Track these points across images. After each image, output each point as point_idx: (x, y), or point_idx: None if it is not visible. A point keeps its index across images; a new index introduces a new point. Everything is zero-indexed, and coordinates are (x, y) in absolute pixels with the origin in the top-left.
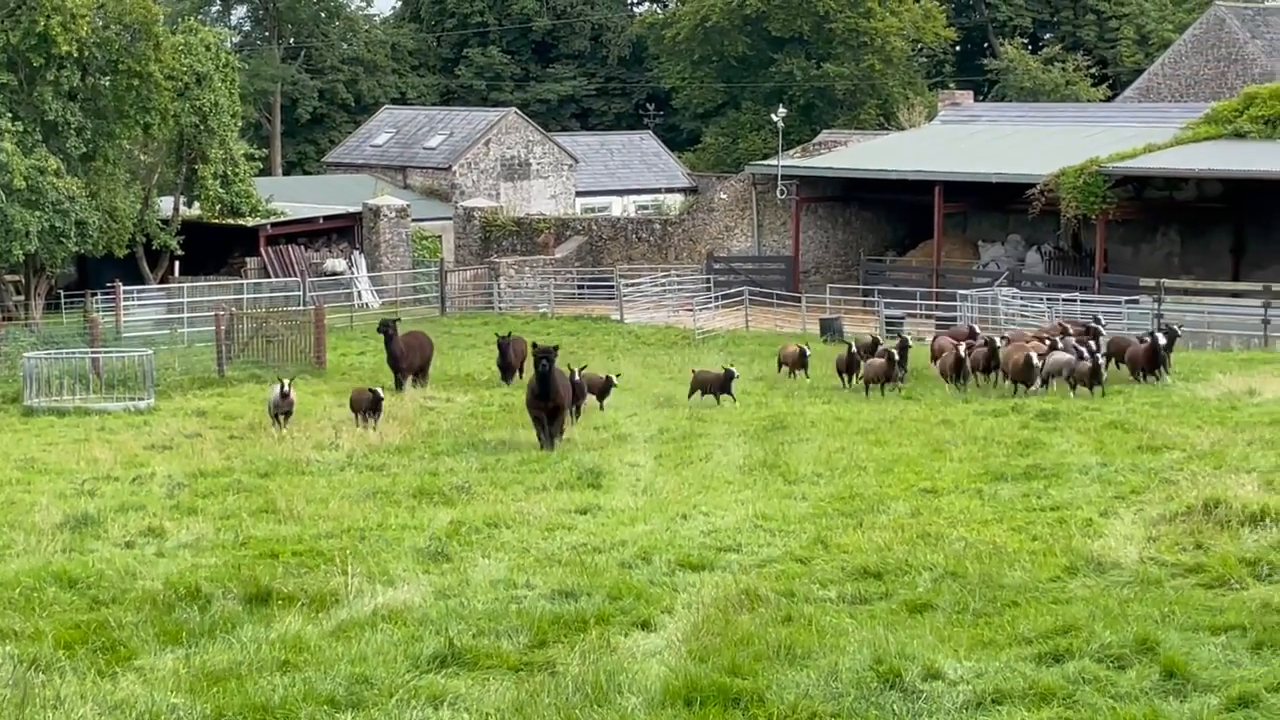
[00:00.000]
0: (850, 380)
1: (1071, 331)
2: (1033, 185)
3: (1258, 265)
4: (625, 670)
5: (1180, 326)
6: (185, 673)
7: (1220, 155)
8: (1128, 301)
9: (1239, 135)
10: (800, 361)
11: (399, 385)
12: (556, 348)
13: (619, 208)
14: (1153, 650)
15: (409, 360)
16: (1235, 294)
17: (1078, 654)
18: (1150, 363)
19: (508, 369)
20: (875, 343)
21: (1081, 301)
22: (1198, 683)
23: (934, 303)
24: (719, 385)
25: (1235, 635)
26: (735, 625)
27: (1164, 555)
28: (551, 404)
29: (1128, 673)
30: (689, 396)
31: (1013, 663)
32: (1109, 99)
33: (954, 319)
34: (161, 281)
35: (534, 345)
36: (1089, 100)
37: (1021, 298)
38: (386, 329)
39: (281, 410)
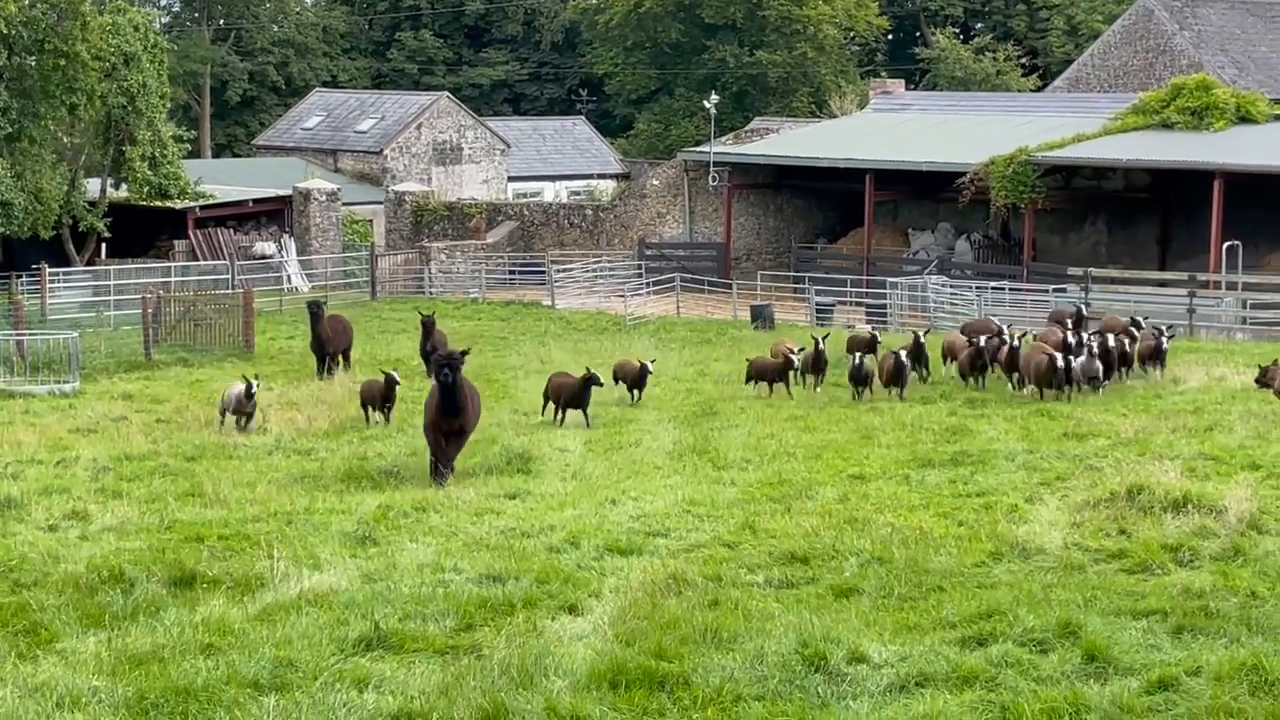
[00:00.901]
0: (862, 393)
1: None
2: (963, 174)
3: (1183, 255)
4: (551, 653)
5: (1106, 315)
6: (107, 656)
7: (1147, 146)
8: (1055, 290)
9: (1166, 126)
10: (639, 380)
11: (321, 370)
12: (465, 352)
13: (551, 193)
14: (1075, 634)
15: (334, 344)
16: (1161, 283)
17: (1001, 638)
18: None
19: (431, 359)
20: (873, 340)
21: (1010, 290)
22: (1119, 666)
23: (864, 290)
24: (635, 379)
25: (1156, 620)
26: (662, 609)
27: (1088, 541)
28: (458, 424)
29: (1050, 656)
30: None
31: (937, 646)
32: (1039, 89)
33: (884, 307)
34: (88, 264)
35: (433, 352)
36: (1019, 90)
37: (951, 286)
38: (315, 307)
39: (243, 411)
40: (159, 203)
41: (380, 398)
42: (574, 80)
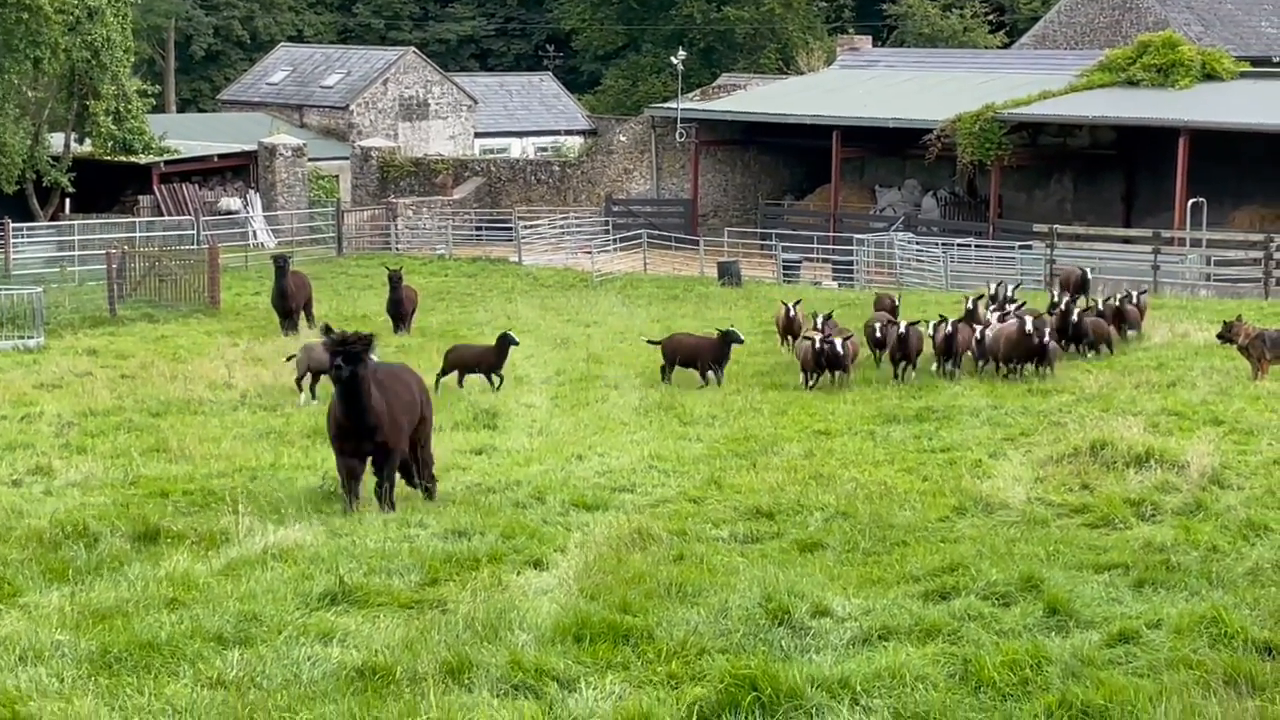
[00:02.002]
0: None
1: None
2: (929, 131)
3: (1148, 212)
4: (516, 608)
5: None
6: (71, 610)
7: (1113, 103)
8: (1021, 247)
9: (1132, 83)
10: (487, 363)
11: (285, 326)
12: (366, 338)
13: (518, 149)
14: (1037, 588)
15: (296, 299)
16: (1126, 240)
17: (964, 591)
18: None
19: (399, 316)
20: (892, 304)
21: (976, 247)
22: (1080, 619)
23: (831, 247)
24: (487, 363)
25: (1118, 574)
26: (627, 564)
27: (1051, 496)
28: (371, 441)
29: (1012, 610)
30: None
31: (900, 600)
32: (1006, 46)
33: (850, 264)
34: (52, 219)
35: (329, 335)
36: (986, 47)
37: (917, 243)
38: (281, 262)
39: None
40: (123, 158)
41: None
42: (541, 36)
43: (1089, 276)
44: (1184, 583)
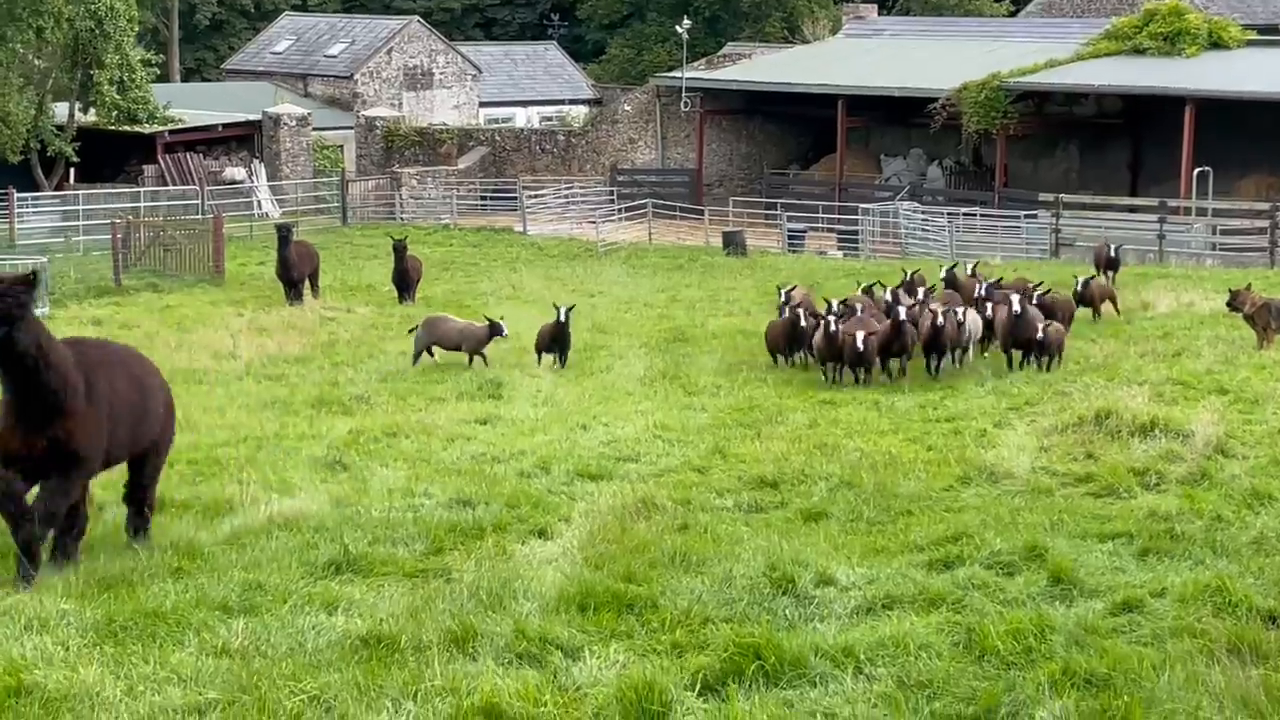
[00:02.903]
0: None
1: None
2: (935, 100)
3: (1154, 181)
4: (521, 577)
5: (1076, 241)
6: (75, 579)
7: (1119, 71)
8: (1026, 216)
9: (1138, 51)
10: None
11: (289, 296)
12: (31, 276)
13: (523, 119)
14: (1041, 557)
15: (300, 269)
16: (1132, 209)
17: (968, 561)
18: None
19: (404, 286)
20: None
21: (981, 216)
22: (1084, 588)
23: (836, 217)
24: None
25: (1122, 542)
26: (631, 533)
27: (1055, 465)
28: (44, 440)
29: (1016, 579)
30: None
31: (904, 569)
32: (1012, 14)
33: (856, 233)
34: (56, 189)
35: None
36: (992, 15)
37: (922, 212)
38: (284, 231)
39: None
40: (127, 127)
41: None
42: (546, 5)
43: (1117, 254)
44: (1188, 552)
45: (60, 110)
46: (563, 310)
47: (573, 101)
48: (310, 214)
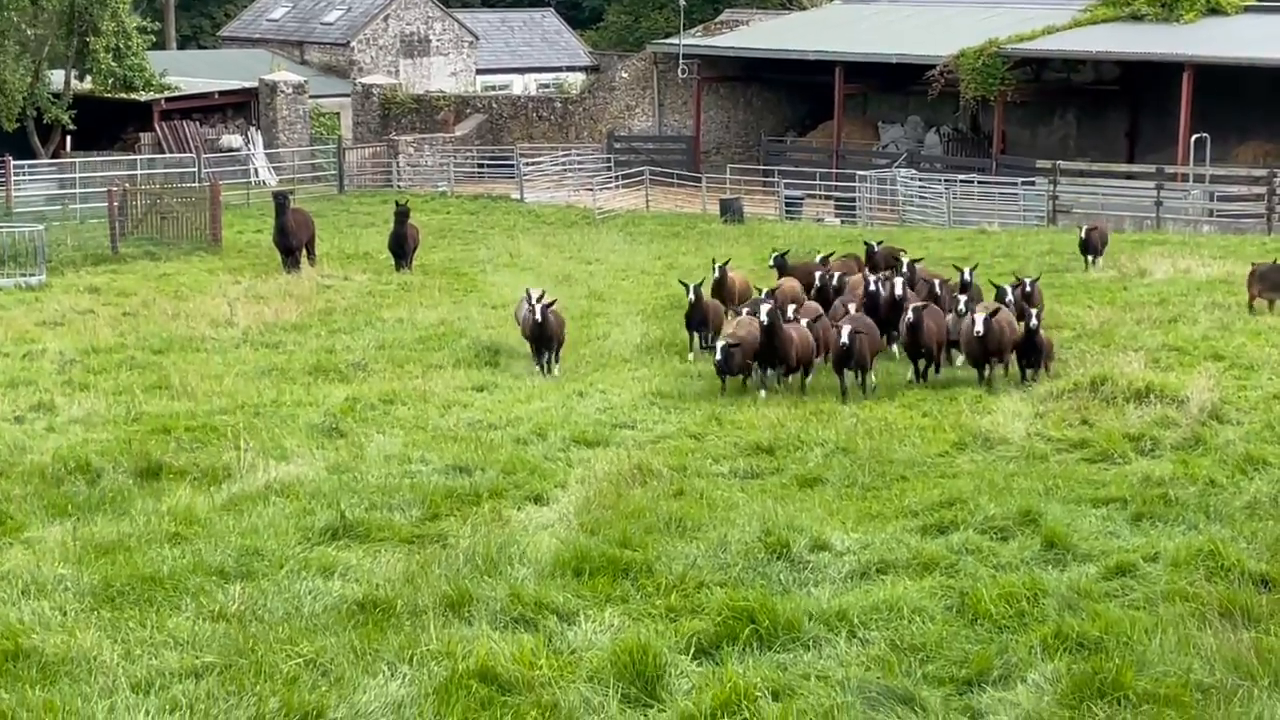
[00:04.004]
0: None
1: None
2: (933, 67)
3: (1152, 148)
4: (517, 542)
5: (1074, 208)
6: (73, 544)
7: (1117, 38)
8: (1024, 183)
9: (1136, 18)
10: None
11: (287, 264)
12: None
13: (520, 86)
14: (1035, 522)
15: (297, 237)
16: (1129, 176)
17: (962, 526)
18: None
19: (401, 253)
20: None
21: (979, 183)
22: (1077, 553)
23: (833, 184)
24: None
25: (1116, 508)
26: (627, 499)
27: (1050, 431)
28: None
29: (1010, 543)
30: None
31: (899, 534)
32: None
33: (853, 200)
34: (53, 156)
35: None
36: None
37: (920, 179)
38: (281, 198)
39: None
40: (124, 95)
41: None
42: None
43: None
44: (1182, 516)
45: (56, 78)
46: (536, 305)
47: (570, 68)
48: (307, 181)
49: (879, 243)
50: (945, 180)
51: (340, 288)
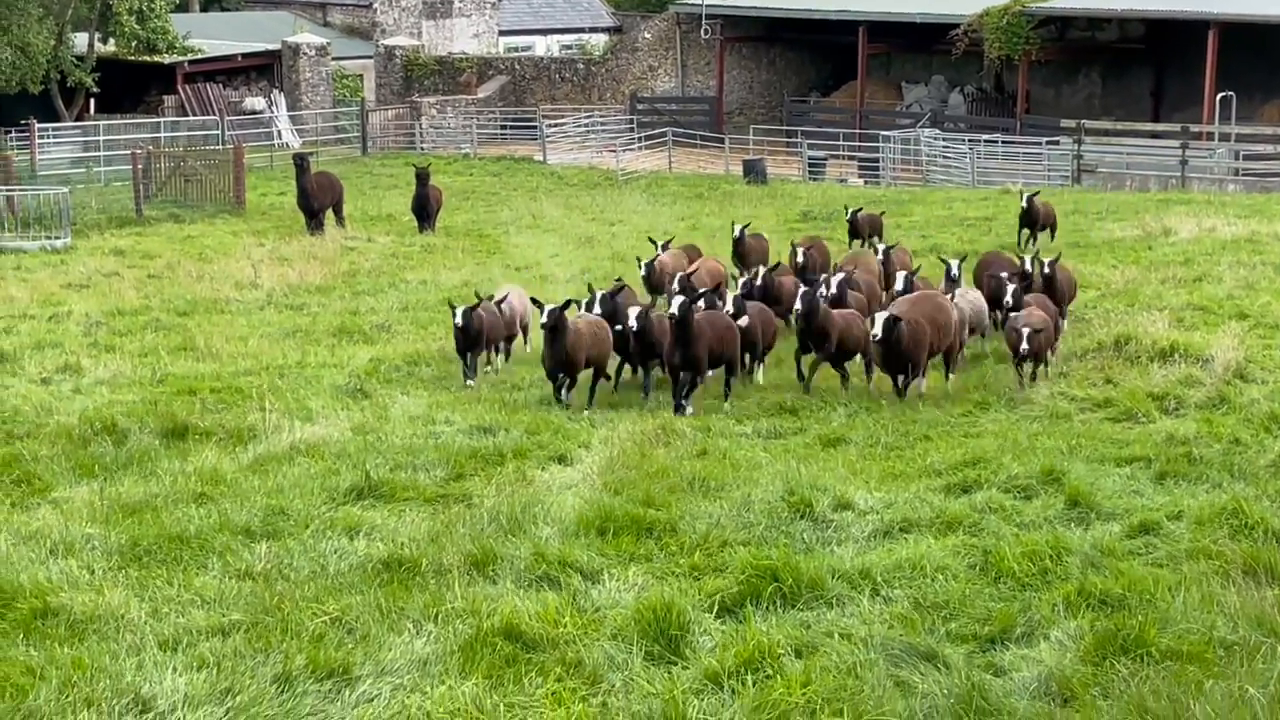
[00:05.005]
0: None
1: None
2: (957, 26)
3: (1177, 107)
4: (541, 502)
5: (1098, 168)
6: (100, 504)
7: None
8: (1048, 143)
9: None
10: None
11: (310, 225)
12: None
13: (542, 47)
14: (1059, 481)
15: (320, 199)
16: (1154, 135)
17: (985, 485)
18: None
19: (424, 215)
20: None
21: (1003, 143)
22: (1101, 511)
23: (857, 144)
24: None
25: (1140, 466)
26: (651, 459)
27: (1074, 390)
28: None
29: (1033, 502)
30: None
31: (922, 494)
32: None
33: (876, 161)
34: (77, 119)
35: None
36: None
37: (943, 140)
38: (300, 160)
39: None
40: (147, 58)
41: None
42: None
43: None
44: (1205, 475)
45: (80, 40)
46: (457, 312)
47: (592, 30)
48: (330, 144)
49: (858, 209)
50: (969, 140)
51: (364, 249)
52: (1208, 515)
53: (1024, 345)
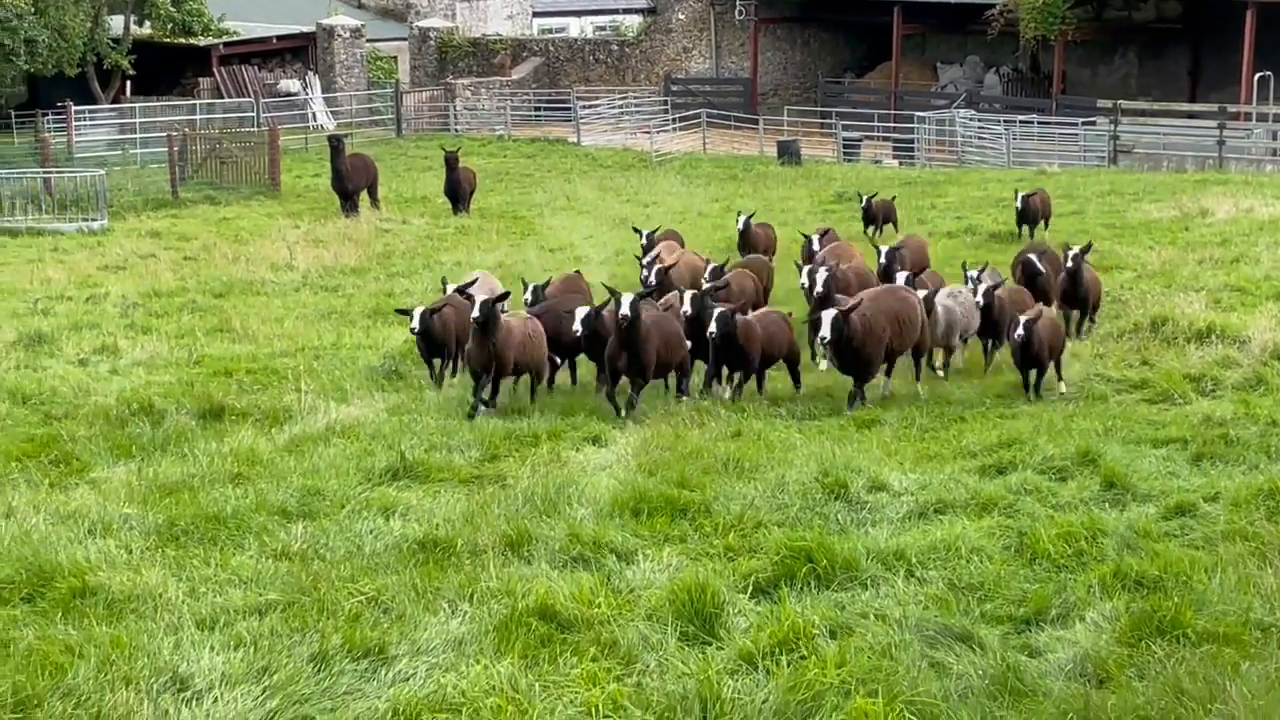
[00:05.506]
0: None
1: None
2: (992, 6)
3: (1214, 87)
4: (575, 483)
5: (1134, 148)
6: (138, 485)
7: None
8: (1084, 124)
9: None
10: None
11: (345, 207)
12: None
13: (577, 29)
14: (1094, 462)
15: (354, 181)
16: (1191, 115)
17: (1021, 466)
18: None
19: (457, 198)
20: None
21: (1038, 124)
22: (1137, 493)
23: (892, 125)
24: None
25: (1176, 448)
26: (685, 440)
27: (1110, 372)
28: None
29: (1069, 484)
30: None
31: (957, 475)
32: None
33: (911, 142)
34: (113, 102)
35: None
36: None
37: (979, 120)
38: (335, 141)
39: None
40: (183, 40)
41: None
42: None
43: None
44: (1242, 456)
45: (116, 23)
46: (414, 315)
47: (626, 11)
48: (365, 126)
49: (873, 195)
50: (1004, 121)
51: (398, 231)
52: (1244, 497)
53: (1019, 332)
